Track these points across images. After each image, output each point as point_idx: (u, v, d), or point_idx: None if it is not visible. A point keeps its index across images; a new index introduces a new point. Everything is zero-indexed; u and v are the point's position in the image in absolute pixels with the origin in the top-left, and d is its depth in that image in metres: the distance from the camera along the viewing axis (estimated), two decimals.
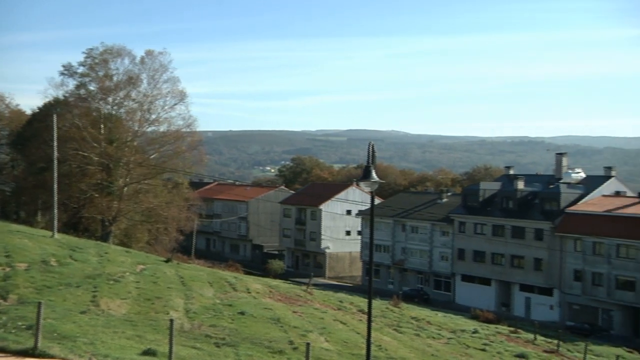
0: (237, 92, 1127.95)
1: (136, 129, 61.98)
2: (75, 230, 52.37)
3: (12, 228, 36.24)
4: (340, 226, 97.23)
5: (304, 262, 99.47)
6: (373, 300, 19.33)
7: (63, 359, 14.35)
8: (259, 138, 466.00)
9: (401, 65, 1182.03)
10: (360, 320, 32.48)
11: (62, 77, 60.37)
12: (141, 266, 32.50)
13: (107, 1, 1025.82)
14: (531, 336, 41.60)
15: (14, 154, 75.85)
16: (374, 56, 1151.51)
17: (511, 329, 44.29)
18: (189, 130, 62.58)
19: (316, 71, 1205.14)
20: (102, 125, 59.42)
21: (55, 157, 38.55)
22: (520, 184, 73.61)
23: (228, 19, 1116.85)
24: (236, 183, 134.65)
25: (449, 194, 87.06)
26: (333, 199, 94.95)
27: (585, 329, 59.29)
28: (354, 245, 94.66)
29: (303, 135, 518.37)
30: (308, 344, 16.64)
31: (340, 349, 23.66)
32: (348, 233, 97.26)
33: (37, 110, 68.68)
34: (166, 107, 61.87)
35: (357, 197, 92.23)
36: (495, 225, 72.86)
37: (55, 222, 37.97)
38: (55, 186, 38.15)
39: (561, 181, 72.97)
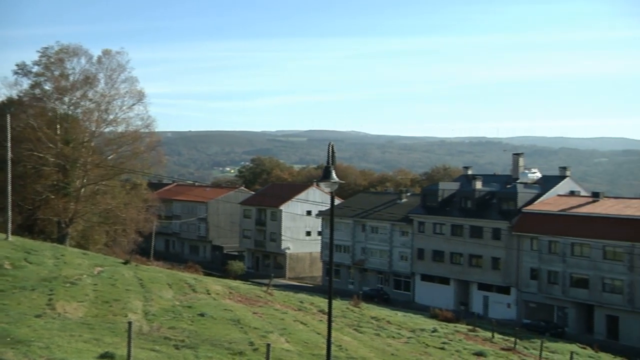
0: (197, 93, 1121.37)
1: (93, 129, 61.12)
2: (30, 232, 51.41)
3: None
4: (300, 227, 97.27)
5: (264, 263, 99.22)
6: (333, 301, 19.39)
7: None
8: (218, 139, 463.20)
9: (362, 66, 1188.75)
10: (321, 320, 32.52)
11: (16, 77, 59.35)
12: (99, 268, 32.02)
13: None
14: (489, 334, 42.14)
15: None
16: (335, 57, 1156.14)
17: (469, 327, 44.76)
18: (147, 130, 62.07)
19: (277, 72, 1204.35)
20: (58, 126, 58.43)
21: (9, 158, 37.77)
22: (478, 184, 74.60)
23: (188, 19, 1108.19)
24: (196, 184, 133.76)
25: (409, 194, 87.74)
26: (293, 199, 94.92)
27: (541, 327, 60.38)
28: (315, 246, 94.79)
29: (263, 135, 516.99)
30: (268, 345, 16.61)
31: (300, 350, 23.66)
32: (308, 233, 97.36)
33: None
34: (124, 108, 61.29)
35: (318, 198, 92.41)
36: (454, 225, 73.70)
37: (10, 224, 37.15)
38: (9, 188, 37.38)
39: (518, 181, 74.17)
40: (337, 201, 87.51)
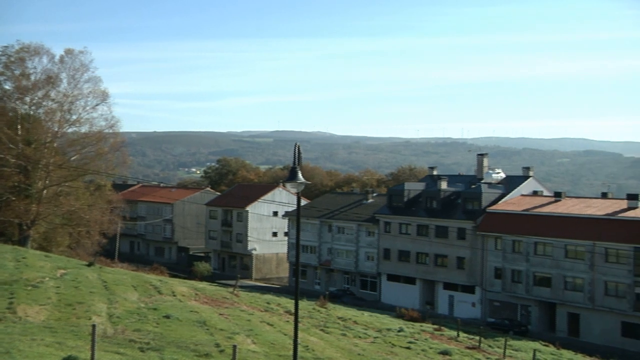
0: (162, 93, 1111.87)
1: (56, 129, 60.09)
2: None
3: None
4: (266, 227, 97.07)
5: (230, 264, 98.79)
6: (300, 301, 19.39)
7: None
8: (184, 139, 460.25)
9: (328, 67, 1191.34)
10: (287, 321, 32.48)
11: None
12: (62, 271, 31.53)
13: None
14: (454, 333, 42.53)
15: None
16: (301, 58, 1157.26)
17: (435, 326, 45.13)
18: (111, 131, 61.20)
19: (244, 72, 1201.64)
20: (19, 126, 57.30)
21: None
22: (444, 184, 75.27)
23: (154, 19, 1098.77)
24: (161, 185, 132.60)
25: (375, 194, 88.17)
26: (259, 200, 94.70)
27: (505, 325, 61.21)
28: (281, 247, 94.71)
29: (229, 136, 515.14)
30: (235, 347, 16.54)
31: (267, 351, 23.61)
32: (275, 234, 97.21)
33: None
34: (87, 108, 60.33)
35: (284, 198, 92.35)
36: (420, 225, 74.24)
37: None
38: None
39: (482, 181, 75.05)
40: (304, 202, 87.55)
